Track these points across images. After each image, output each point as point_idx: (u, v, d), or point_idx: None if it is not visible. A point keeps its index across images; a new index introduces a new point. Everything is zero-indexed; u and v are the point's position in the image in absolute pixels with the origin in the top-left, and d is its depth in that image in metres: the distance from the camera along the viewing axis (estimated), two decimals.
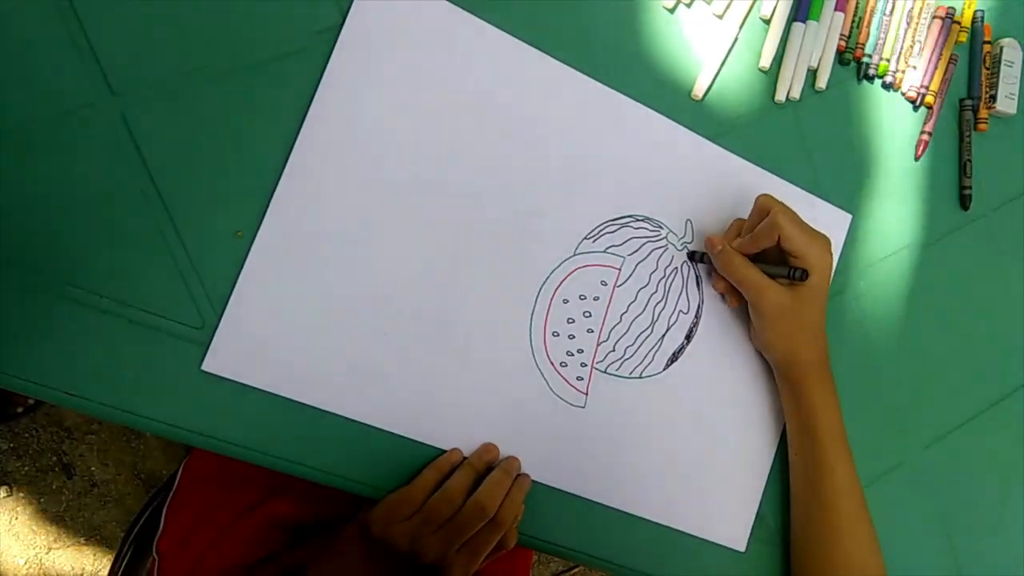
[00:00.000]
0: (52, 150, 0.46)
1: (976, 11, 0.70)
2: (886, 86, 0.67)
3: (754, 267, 0.56)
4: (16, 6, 0.46)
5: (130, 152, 0.48)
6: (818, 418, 0.58)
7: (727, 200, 0.62)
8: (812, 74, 0.65)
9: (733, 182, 0.62)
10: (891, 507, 0.67)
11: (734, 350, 0.62)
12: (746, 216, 0.59)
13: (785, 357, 0.58)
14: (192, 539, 0.66)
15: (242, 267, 0.50)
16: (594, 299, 0.58)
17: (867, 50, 0.66)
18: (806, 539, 0.60)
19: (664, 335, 0.60)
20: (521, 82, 0.56)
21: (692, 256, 0.61)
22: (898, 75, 0.67)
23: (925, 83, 0.67)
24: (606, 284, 0.59)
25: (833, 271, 0.57)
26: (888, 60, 0.66)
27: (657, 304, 0.60)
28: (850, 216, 0.66)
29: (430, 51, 0.54)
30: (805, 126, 0.65)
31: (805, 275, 0.55)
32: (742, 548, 0.62)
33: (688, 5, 0.61)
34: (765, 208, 0.56)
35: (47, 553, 1.23)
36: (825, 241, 0.56)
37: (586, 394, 0.58)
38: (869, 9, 0.65)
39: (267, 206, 0.50)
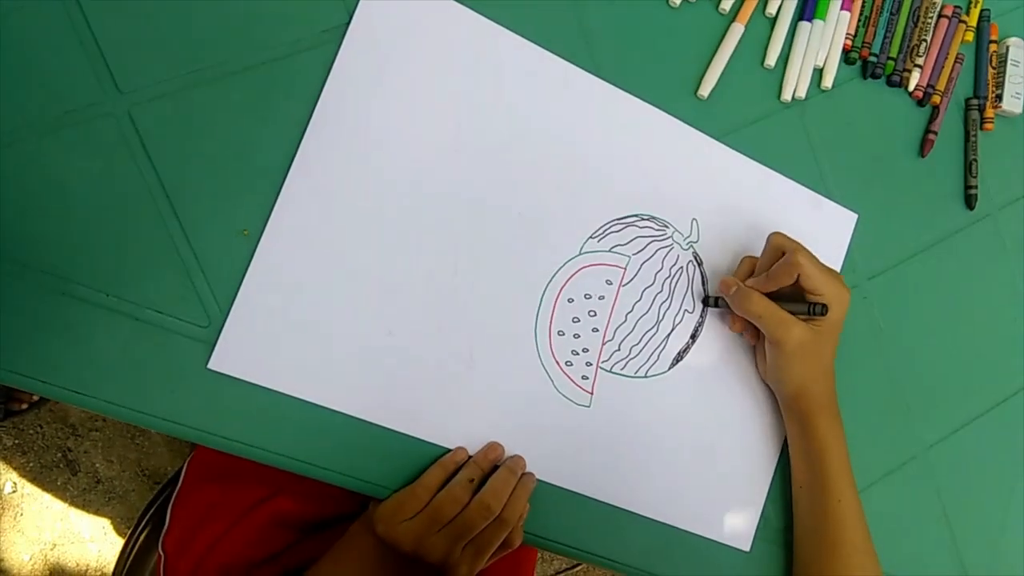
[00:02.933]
0: (59, 149, 0.47)
1: (982, 10, 0.70)
2: (892, 85, 0.67)
3: (774, 304, 0.56)
4: (22, 4, 0.46)
5: (136, 150, 0.48)
6: (827, 452, 0.58)
7: (733, 199, 0.62)
8: (818, 73, 0.64)
9: (739, 181, 0.62)
10: (895, 506, 0.67)
11: (739, 350, 0.62)
12: (749, 216, 0.59)
13: (798, 392, 0.58)
14: (196, 536, 0.66)
15: (248, 266, 0.50)
16: (599, 298, 0.58)
17: (873, 49, 0.65)
18: (811, 568, 0.60)
19: (669, 334, 0.60)
20: (526, 81, 0.56)
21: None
22: (904, 74, 0.67)
23: (931, 82, 0.67)
24: (611, 283, 0.58)
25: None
26: (894, 59, 0.66)
27: (662, 304, 0.60)
28: (856, 215, 0.66)
29: (436, 50, 0.54)
30: (811, 125, 0.64)
31: (825, 310, 0.55)
32: (747, 548, 0.62)
33: (693, 2, 0.60)
34: (779, 247, 0.56)
35: (52, 549, 1.23)
36: (840, 277, 0.57)
37: (591, 393, 0.58)
38: (875, 8, 0.65)
39: (273, 205, 0.50)
